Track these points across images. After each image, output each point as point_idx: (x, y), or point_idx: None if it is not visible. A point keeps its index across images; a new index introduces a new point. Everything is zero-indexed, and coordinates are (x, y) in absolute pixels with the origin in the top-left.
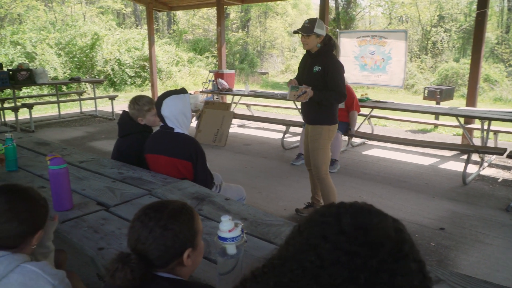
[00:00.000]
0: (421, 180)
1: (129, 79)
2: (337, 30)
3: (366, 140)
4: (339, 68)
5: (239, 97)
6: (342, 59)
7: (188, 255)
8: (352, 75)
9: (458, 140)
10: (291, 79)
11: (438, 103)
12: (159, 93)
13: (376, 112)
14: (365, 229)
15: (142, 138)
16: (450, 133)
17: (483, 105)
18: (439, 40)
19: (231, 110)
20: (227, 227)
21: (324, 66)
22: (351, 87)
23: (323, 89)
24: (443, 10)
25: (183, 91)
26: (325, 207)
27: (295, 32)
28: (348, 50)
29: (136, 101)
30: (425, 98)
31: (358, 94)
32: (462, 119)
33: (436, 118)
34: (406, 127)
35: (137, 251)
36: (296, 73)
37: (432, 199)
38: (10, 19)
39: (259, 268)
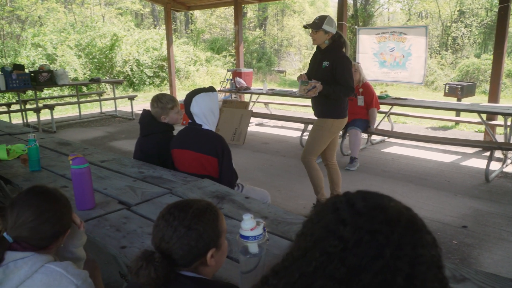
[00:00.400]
0: (443, 178)
1: (148, 79)
2: (356, 27)
3: (386, 137)
4: (347, 64)
5: (257, 95)
6: (361, 56)
7: (211, 255)
8: (371, 72)
9: (480, 137)
10: (301, 74)
11: (459, 100)
12: (178, 93)
13: (395, 109)
14: (381, 208)
15: (164, 138)
16: (471, 130)
17: (506, 101)
18: (460, 35)
19: (249, 108)
20: (249, 225)
21: (332, 62)
22: (370, 84)
23: (331, 83)
24: (464, 5)
25: (211, 89)
26: (332, 197)
27: (305, 27)
28: (367, 47)
29: (159, 99)
30: (446, 94)
31: (377, 91)
32: (484, 116)
33: (457, 115)
34: (426, 124)
35: (161, 250)
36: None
37: (454, 197)
38: (31, 22)
39: (278, 263)
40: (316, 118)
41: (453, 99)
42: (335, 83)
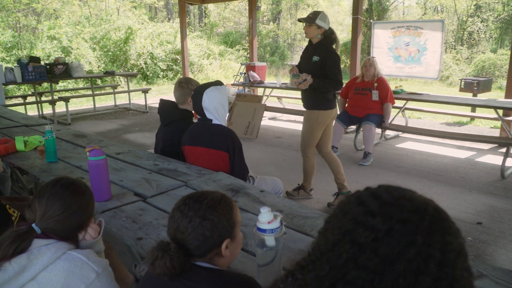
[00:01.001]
0: (458, 174)
1: (161, 73)
2: (371, 21)
3: (400, 132)
4: (337, 59)
5: (270, 89)
6: (375, 50)
7: (226, 246)
8: (386, 66)
9: (496, 133)
10: (292, 67)
11: (475, 95)
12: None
13: (410, 104)
14: (407, 199)
15: (186, 125)
16: (487, 125)
17: None
18: (476, 30)
19: (263, 102)
20: (266, 218)
21: (322, 57)
22: (385, 78)
23: (320, 77)
24: None
25: (219, 82)
26: (354, 193)
27: (299, 20)
28: (382, 41)
29: (188, 81)
30: (461, 90)
31: (392, 86)
32: (500, 111)
33: (473, 111)
34: (441, 119)
35: (176, 241)
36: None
37: (469, 193)
38: (46, 14)
39: (304, 258)
40: (305, 110)
41: (468, 94)
42: (323, 76)
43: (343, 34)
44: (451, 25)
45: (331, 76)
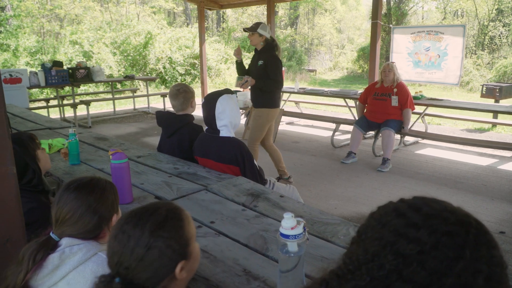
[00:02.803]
0: (479, 181)
1: (180, 77)
2: (391, 25)
3: (419, 139)
4: (278, 63)
5: (288, 94)
6: (394, 55)
7: (181, 268)
8: (405, 72)
9: None
10: (238, 48)
11: (497, 101)
12: (209, 90)
13: (429, 110)
14: (449, 211)
15: (190, 129)
16: (510, 132)
17: None
18: (497, 35)
19: (280, 107)
20: (289, 224)
21: (265, 61)
22: (405, 84)
23: (265, 78)
24: (502, 3)
25: (230, 91)
26: (390, 204)
27: (244, 30)
28: (402, 46)
29: (186, 86)
30: (482, 95)
31: (412, 92)
32: None
33: (495, 117)
34: (461, 126)
35: (120, 275)
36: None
37: (491, 201)
38: (69, 20)
39: (340, 267)
40: (255, 109)
41: (490, 100)
42: (267, 78)
43: (360, 39)
44: (472, 30)
45: (272, 77)
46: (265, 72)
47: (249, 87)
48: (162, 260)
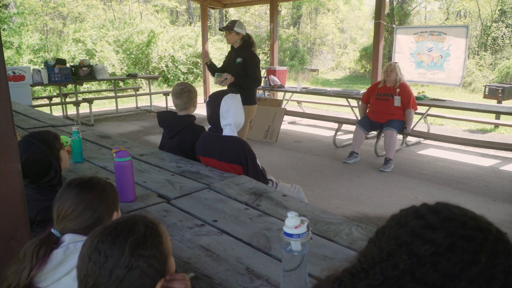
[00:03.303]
0: (481, 182)
1: (182, 76)
2: (394, 25)
3: (422, 139)
4: (257, 60)
5: (290, 94)
6: (397, 55)
7: (160, 287)
8: (407, 72)
9: None
10: (204, 51)
11: (500, 102)
12: (211, 89)
13: (432, 111)
14: (470, 217)
15: (191, 130)
16: None
17: None
18: (500, 36)
19: (283, 106)
20: (293, 223)
21: (244, 58)
22: (407, 84)
23: (244, 76)
24: (505, 4)
25: (234, 91)
26: (411, 207)
27: (220, 29)
28: (404, 46)
29: (189, 85)
30: (485, 96)
31: (414, 92)
32: None
33: (497, 118)
34: (463, 126)
35: None
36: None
37: (493, 203)
38: (72, 18)
39: (354, 265)
40: None
41: (493, 101)
42: (246, 75)
43: (363, 39)
44: (475, 30)
45: (251, 75)
46: (244, 70)
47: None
48: (143, 281)
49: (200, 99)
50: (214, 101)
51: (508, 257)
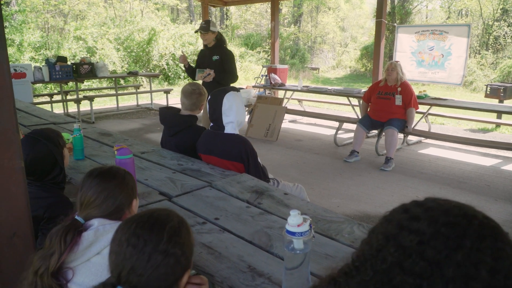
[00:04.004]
0: (482, 182)
1: (183, 74)
2: (395, 24)
3: (423, 138)
4: (232, 57)
5: (291, 92)
6: (398, 54)
7: (187, 277)
8: (408, 71)
9: None
10: (182, 55)
11: (501, 101)
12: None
13: (433, 110)
14: (455, 205)
15: (193, 131)
16: None
17: None
18: (502, 35)
19: (283, 105)
20: (296, 221)
21: (221, 55)
22: (409, 83)
23: (221, 72)
24: (507, 3)
25: (235, 88)
26: (399, 205)
27: (196, 31)
28: (405, 45)
29: (200, 86)
30: (487, 95)
31: (415, 91)
32: None
33: (499, 117)
34: (464, 126)
35: (129, 284)
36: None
37: (494, 202)
38: (73, 15)
39: (348, 264)
40: None
41: (494, 100)
42: (223, 71)
43: (364, 37)
44: (476, 29)
45: (229, 71)
46: (221, 66)
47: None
48: (175, 269)
49: None
50: (216, 99)
51: (495, 241)
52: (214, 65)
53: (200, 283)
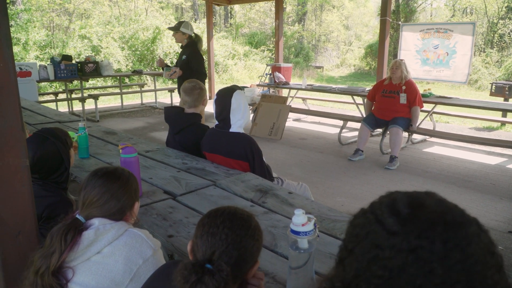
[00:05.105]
0: (487, 180)
1: (207, 73)
2: (400, 22)
3: (427, 137)
4: (200, 57)
5: (295, 91)
6: (403, 53)
7: (257, 267)
8: (413, 70)
9: None
10: (159, 59)
11: (506, 100)
12: (216, 86)
13: (437, 108)
14: (412, 219)
15: (197, 128)
16: None
17: None
18: (507, 33)
19: (287, 104)
20: (300, 220)
21: (188, 55)
22: (414, 82)
23: (189, 70)
24: None
25: (239, 87)
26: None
27: (168, 28)
28: (410, 43)
29: (199, 83)
30: (492, 94)
31: (420, 89)
32: None
33: (504, 116)
34: (469, 124)
35: (219, 262)
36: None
37: (499, 201)
38: (78, 14)
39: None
40: None
41: (499, 98)
42: (190, 70)
43: (368, 36)
44: (481, 27)
45: (195, 69)
46: (188, 65)
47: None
48: (255, 254)
49: None
50: (223, 98)
51: (462, 250)
52: (182, 63)
53: (261, 278)
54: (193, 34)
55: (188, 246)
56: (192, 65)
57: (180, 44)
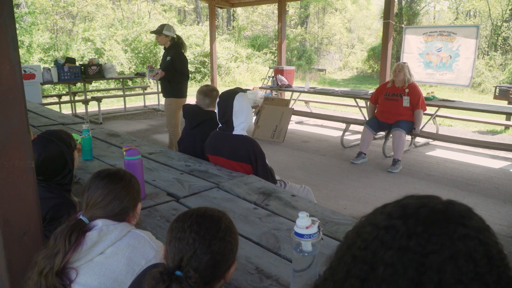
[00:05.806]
0: (491, 184)
1: (190, 75)
2: (403, 25)
3: (430, 140)
4: (183, 58)
5: (297, 93)
6: (405, 56)
7: (233, 269)
8: (415, 73)
9: None
10: (149, 66)
11: (510, 103)
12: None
13: (441, 112)
14: (385, 230)
15: (214, 122)
16: None
17: None
18: (511, 36)
19: (290, 106)
20: (304, 223)
21: (172, 57)
22: (417, 84)
23: (173, 71)
24: None
25: (242, 89)
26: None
27: (151, 32)
28: (413, 46)
29: (212, 91)
30: (495, 97)
31: (423, 92)
32: None
33: (508, 119)
34: (473, 127)
35: (189, 268)
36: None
37: (503, 205)
38: (81, 17)
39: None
40: (164, 98)
41: (503, 102)
42: (175, 71)
43: (371, 39)
44: (484, 30)
45: (179, 70)
46: (172, 66)
47: (159, 79)
48: (229, 256)
49: None
50: (226, 101)
51: (445, 262)
52: (166, 64)
53: None
54: (175, 36)
55: (161, 252)
56: (175, 65)
57: (163, 47)
